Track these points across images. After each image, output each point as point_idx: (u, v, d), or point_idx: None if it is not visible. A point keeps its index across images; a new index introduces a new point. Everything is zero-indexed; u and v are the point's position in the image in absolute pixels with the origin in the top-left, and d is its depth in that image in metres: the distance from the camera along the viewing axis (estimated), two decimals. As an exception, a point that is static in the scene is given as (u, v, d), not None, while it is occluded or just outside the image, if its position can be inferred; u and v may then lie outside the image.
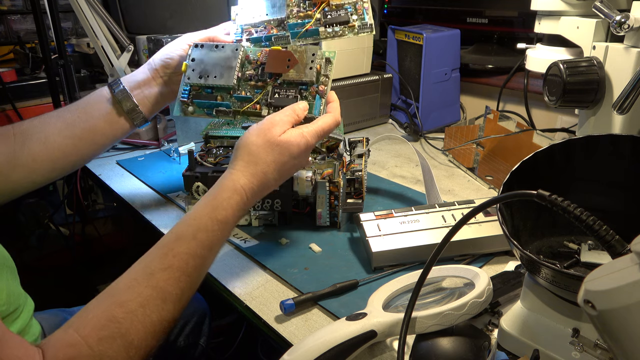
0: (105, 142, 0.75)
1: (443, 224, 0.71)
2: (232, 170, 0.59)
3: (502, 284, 0.60)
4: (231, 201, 0.56)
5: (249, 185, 0.58)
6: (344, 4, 0.74)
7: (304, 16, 0.74)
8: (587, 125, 0.77)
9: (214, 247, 0.55)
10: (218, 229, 0.55)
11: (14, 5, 1.68)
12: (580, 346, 0.43)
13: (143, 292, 0.49)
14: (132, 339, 0.47)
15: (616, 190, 0.54)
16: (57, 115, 0.72)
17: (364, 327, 0.51)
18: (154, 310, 0.49)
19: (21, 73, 1.54)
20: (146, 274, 0.51)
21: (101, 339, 0.46)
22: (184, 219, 0.55)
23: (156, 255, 0.52)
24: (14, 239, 1.58)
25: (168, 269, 0.51)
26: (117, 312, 0.47)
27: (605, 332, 0.30)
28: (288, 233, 0.78)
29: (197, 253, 0.53)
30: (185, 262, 0.52)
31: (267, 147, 0.59)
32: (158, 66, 0.76)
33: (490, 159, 0.96)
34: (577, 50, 0.83)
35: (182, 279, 0.52)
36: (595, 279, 0.30)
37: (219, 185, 0.58)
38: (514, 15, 1.19)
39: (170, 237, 0.54)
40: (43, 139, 0.69)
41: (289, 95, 0.69)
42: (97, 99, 0.74)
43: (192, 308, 0.98)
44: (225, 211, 0.56)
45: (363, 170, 0.80)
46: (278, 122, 0.61)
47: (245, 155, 0.59)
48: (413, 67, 1.25)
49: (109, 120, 0.73)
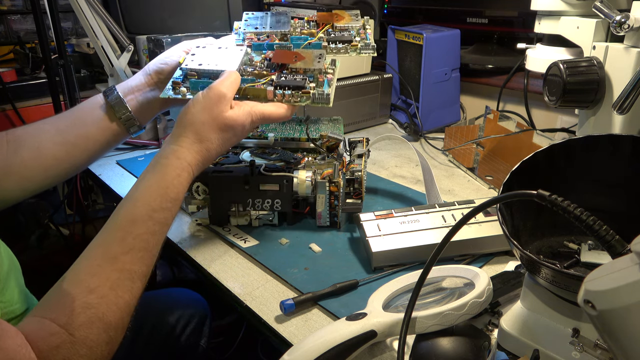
0: (99, 149, 0.74)
1: (443, 224, 0.71)
2: (178, 148, 0.60)
3: (502, 284, 0.60)
4: (181, 179, 0.59)
5: (195, 162, 0.61)
6: (349, 27, 0.76)
7: (307, 33, 0.76)
8: (587, 125, 0.77)
9: (169, 222, 0.58)
10: (172, 206, 0.58)
11: (14, 5, 1.68)
12: (580, 346, 0.43)
13: (111, 277, 0.51)
14: (109, 320, 0.49)
15: (616, 190, 0.54)
16: (51, 122, 0.71)
17: (364, 327, 0.51)
18: (125, 291, 0.51)
19: (21, 73, 1.53)
20: (109, 258, 0.52)
21: (80, 325, 0.47)
22: (133, 201, 0.57)
23: (113, 239, 0.54)
24: (14, 239, 1.57)
25: (131, 251, 0.53)
26: (90, 299, 0.49)
27: (605, 332, 0.30)
28: (288, 233, 0.78)
29: (155, 230, 0.55)
30: (146, 242, 0.54)
31: (213, 124, 0.61)
32: (152, 72, 0.75)
33: (490, 159, 0.96)
34: (577, 50, 0.83)
35: (146, 256, 0.54)
36: (595, 279, 0.30)
37: (166, 164, 0.59)
38: (514, 15, 1.19)
39: (125, 220, 0.55)
40: (36, 146, 0.69)
41: (295, 78, 0.68)
42: (91, 106, 0.73)
43: (193, 309, 0.98)
44: (176, 189, 0.58)
45: (363, 171, 0.80)
46: (224, 95, 0.62)
47: (191, 133, 0.61)
48: (413, 67, 1.25)
49: (103, 127, 0.73)
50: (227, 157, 0.82)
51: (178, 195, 0.59)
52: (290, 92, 0.67)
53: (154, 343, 0.90)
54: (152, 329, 0.91)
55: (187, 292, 1.04)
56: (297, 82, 0.67)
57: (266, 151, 0.85)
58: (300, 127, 0.89)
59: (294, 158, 0.82)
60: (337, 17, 0.78)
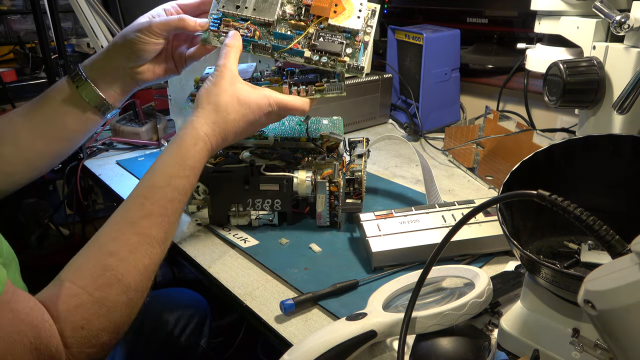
0: (78, 138, 0.73)
1: (443, 224, 0.71)
2: (195, 118, 0.61)
3: (502, 284, 0.60)
4: (197, 147, 0.60)
5: (212, 132, 0.61)
6: (343, 29, 0.66)
7: (294, 25, 0.67)
8: (587, 125, 0.77)
9: (187, 190, 0.59)
10: (190, 174, 0.59)
11: (14, 5, 1.68)
12: (580, 346, 0.43)
13: (130, 240, 0.52)
14: (128, 282, 0.50)
15: (616, 190, 0.54)
16: (23, 114, 0.69)
17: (364, 327, 0.51)
18: (144, 255, 0.52)
19: (21, 73, 1.54)
20: (128, 223, 0.53)
21: (99, 286, 0.48)
22: (151, 171, 0.58)
23: (133, 205, 0.55)
24: (14, 239, 1.58)
25: (149, 216, 0.54)
26: (109, 261, 0.50)
27: (605, 332, 0.30)
28: (288, 233, 0.78)
29: (174, 197, 0.57)
30: (164, 207, 0.55)
31: (227, 96, 0.62)
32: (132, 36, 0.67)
33: (490, 159, 0.96)
34: (577, 50, 0.83)
35: (164, 222, 0.55)
36: (595, 279, 0.30)
37: (183, 134, 0.60)
38: (514, 15, 1.19)
39: (143, 188, 0.57)
40: (14, 141, 0.68)
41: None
42: (61, 95, 0.69)
43: (193, 309, 0.98)
44: (193, 157, 0.59)
45: (362, 171, 0.80)
46: (233, 74, 0.63)
47: (207, 104, 0.62)
48: (413, 67, 1.25)
49: (78, 117, 0.70)
50: (227, 157, 0.82)
51: (195, 164, 0.59)
52: (306, 86, 0.67)
53: (154, 343, 0.90)
54: (153, 329, 0.91)
55: (187, 292, 1.04)
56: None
57: (266, 151, 0.85)
58: (300, 127, 0.89)
59: (294, 158, 0.82)
60: (338, 7, 0.66)
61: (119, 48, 0.69)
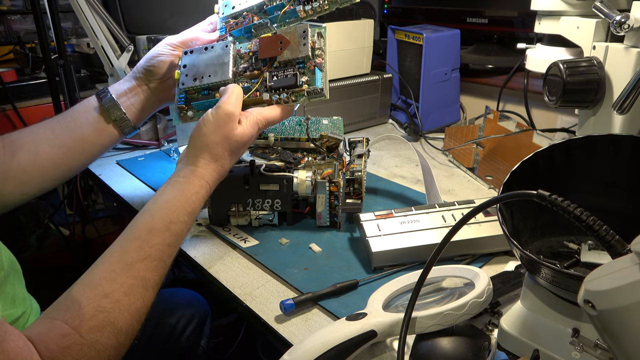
0: (95, 151, 0.75)
1: (443, 224, 0.71)
2: (196, 168, 0.64)
3: (502, 284, 0.60)
4: (199, 195, 0.62)
5: (212, 179, 0.64)
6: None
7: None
8: (587, 125, 0.77)
9: (184, 235, 0.61)
10: (188, 220, 0.61)
11: (14, 5, 1.68)
12: (580, 346, 0.43)
13: (125, 282, 0.52)
14: (120, 326, 0.50)
15: (616, 190, 0.54)
16: (46, 125, 0.72)
17: (364, 327, 0.51)
18: (138, 298, 0.52)
19: (21, 73, 1.53)
20: (125, 265, 0.53)
21: (92, 328, 0.48)
22: (151, 213, 0.59)
23: (131, 247, 0.55)
24: (14, 239, 1.57)
25: (146, 259, 0.54)
26: (103, 303, 0.50)
27: (605, 332, 0.30)
28: (288, 233, 0.78)
29: (171, 242, 0.58)
30: (162, 252, 0.56)
31: (225, 144, 0.64)
32: (141, 73, 0.76)
33: (490, 159, 0.96)
34: (577, 50, 0.83)
35: (160, 266, 0.56)
36: (595, 279, 0.30)
37: (185, 182, 0.62)
38: (514, 15, 1.19)
39: (142, 230, 0.57)
40: (33, 150, 0.69)
41: (287, 75, 0.67)
42: (85, 109, 0.74)
43: (193, 309, 0.98)
44: (194, 204, 0.62)
45: (362, 171, 0.80)
46: (232, 114, 0.64)
47: (207, 154, 0.64)
48: (413, 67, 1.25)
49: (98, 129, 0.73)
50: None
51: (195, 210, 0.62)
52: (285, 94, 0.68)
53: (155, 343, 0.90)
54: (153, 329, 0.91)
55: (188, 292, 1.04)
56: (289, 79, 0.67)
57: (266, 151, 0.85)
58: (300, 127, 0.89)
59: (294, 158, 0.82)
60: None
61: (140, 69, 0.76)
